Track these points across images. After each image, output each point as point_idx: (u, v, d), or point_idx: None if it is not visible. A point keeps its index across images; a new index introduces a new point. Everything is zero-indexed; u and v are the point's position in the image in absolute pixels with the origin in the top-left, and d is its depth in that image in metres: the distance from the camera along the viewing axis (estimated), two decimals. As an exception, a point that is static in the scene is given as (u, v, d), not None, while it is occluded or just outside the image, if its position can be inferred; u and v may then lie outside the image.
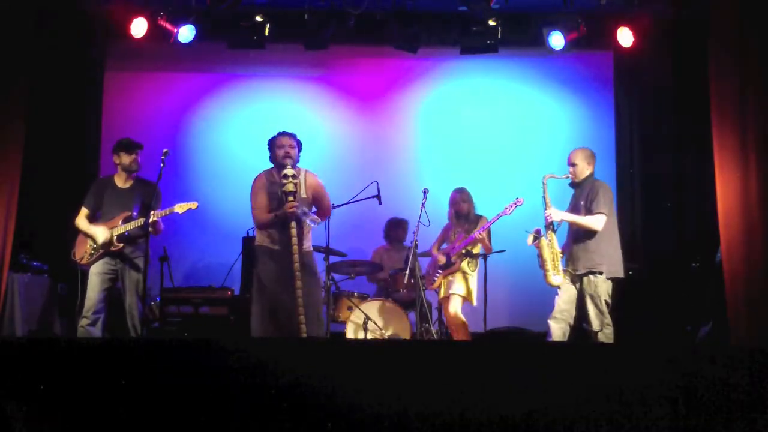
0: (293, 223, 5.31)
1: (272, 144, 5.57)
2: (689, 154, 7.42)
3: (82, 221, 5.86)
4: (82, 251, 5.82)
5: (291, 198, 5.31)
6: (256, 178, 5.62)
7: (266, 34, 7.44)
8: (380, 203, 6.77)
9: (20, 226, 6.11)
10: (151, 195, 5.70)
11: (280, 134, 5.58)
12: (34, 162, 6.63)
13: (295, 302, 5.20)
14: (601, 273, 5.56)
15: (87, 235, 5.82)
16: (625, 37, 7.46)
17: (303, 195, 5.51)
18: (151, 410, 3.60)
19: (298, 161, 5.57)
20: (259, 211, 5.50)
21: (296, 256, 5.25)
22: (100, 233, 5.75)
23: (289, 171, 5.36)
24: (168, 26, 7.32)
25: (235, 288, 6.83)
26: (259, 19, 7.40)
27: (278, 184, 5.45)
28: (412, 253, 6.36)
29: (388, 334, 6.61)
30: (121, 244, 5.76)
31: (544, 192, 5.78)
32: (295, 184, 5.35)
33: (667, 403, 3.56)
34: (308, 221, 5.43)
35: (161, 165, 5.62)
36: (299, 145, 5.58)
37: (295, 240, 5.27)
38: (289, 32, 7.61)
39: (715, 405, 3.55)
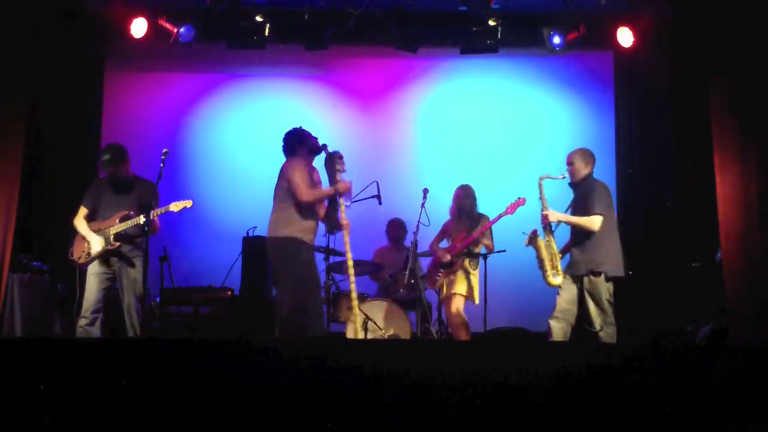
0: (347, 234, 5.48)
1: (302, 134, 5.68)
2: (689, 154, 7.42)
3: (80, 222, 5.85)
4: (79, 251, 5.82)
5: (339, 177, 5.49)
6: (293, 159, 5.62)
7: (266, 34, 7.45)
8: (380, 203, 6.77)
9: (20, 226, 6.11)
10: (150, 194, 5.69)
11: (302, 128, 5.74)
12: (34, 162, 6.63)
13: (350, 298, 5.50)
14: (601, 273, 5.56)
15: (85, 239, 5.81)
16: (625, 37, 7.46)
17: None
18: (151, 410, 3.60)
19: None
20: (308, 187, 5.49)
21: (350, 259, 5.47)
22: (95, 242, 5.73)
23: (341, 154, 5.57)
24: (168, 26, 7.33)
25: (235, 288, 6.83)
26: (259, 19, 7.40)
27: (312, 173, 5.60)
28: (412, 253, 6.35)
29: (388, 334, 6.60)
30: (118, 243, 5.75)
31: (540, 193, 5.78)
32: (343, 164, 5.54)
33: (667, 404, 3.56)
34: (347, 203, 5.55)
35: (161, 165, 5.62)
36: None
37: (348, 245, 5.49)
38: (289, 32, 7.61)
39: (715, 405, 3.55)
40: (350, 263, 5.44)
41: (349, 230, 5.50)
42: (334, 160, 5.54)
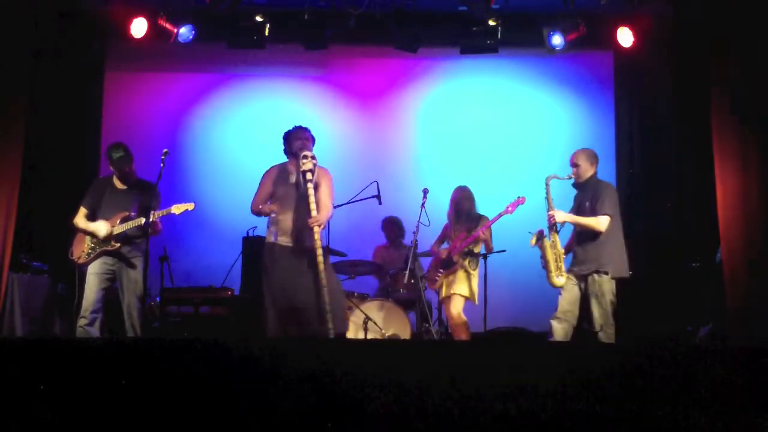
0: (317, 228, 5.37)
1: (289, 136, 5.65)
2: (689, 154, 7.42)
3: (80, 220, 5.85)
4: (79, 250, 5.82)
5: (309, 176, 5.40)
6: (267, 169, 5.69)
7: (266, 34, 7.45)
8: (380, 203, 6.77)
9: (20, 226, 6.11)
10: (150, 195, 5.70)
11: (297, 128, 5.67)
12: (34, 162, 6.63)
13: (320, 301, 5.31)
14: (606, 273, 5.56)
15: (87, 233, 5.80)
16: (625, 37, 7.47)
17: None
18: (151, 410, 3.60)
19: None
20: (257, 199, 5.58)
21: (320, 256, 5.34)
22: (101, 227, 5.73)
23: (308, 153, 5.44)
24: (168, 26, 7.33)
25: (235, 288, 6.83)
26: (259, 19, 7.40)
27: (289, 175, 5.54)
28: (412, 253, 6.35)
29: (388, 334, 6.61)
30: (119, 244, 5.75)
31: (546, 193, 5.75)
32: (314, 164, 5.43)
33: (667, 403, 3.56)
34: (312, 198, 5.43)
35: (161, 165, 5.63)
36: (313, 139, 5.68)
37: (318, 241, 5.35)
38: (289, 32, 7.61)
39: (715, 405, 3.55)
40: (320, 259, 5.36)
41: (319, 226, 5.39)
42: (300, 161, 5.51)
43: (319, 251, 5.35)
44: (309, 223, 5.38)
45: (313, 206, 5.39)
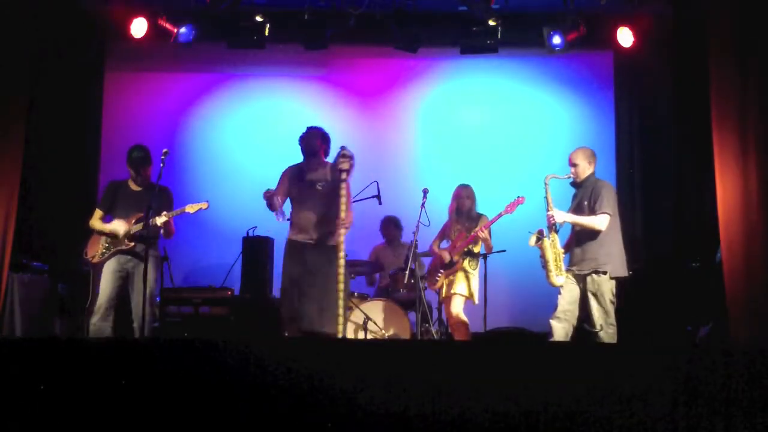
0: (343, 231, 5.46)
1: (303, 138, 5.81)
2: (689, 154, 7.42)
3: (96, 222, 5.92)
4: (94, 251, 5.87)
5: (344, 175, 5.49)
6: (285, 169, 5.81)
7: (266, 34, 7.45)
8: (380, 203, 6.77)
9: (20, 227, 6.11)
10: (162, 198, 5.77)
11: (309, 128, 5.84)
12: (34, 162, 6.62)
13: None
14: (605, 272, 5.56)
15: (105, 234, 5.86)
16: (625, 37, 7.47)
17: (328, 179, 5.71)
18: (151, 410, 3.60)
19: (327, 155, 5.83)
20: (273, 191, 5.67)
21: (342, 259, 5.43)
22: (119, 226, 5.81)
23: (347, 152, 5.53)
24: (168, 26, 7.33)
25: (235, 288, 6.84)
26: (259, 19, 7.41)
27: (305, 174, 5.69)
28: (412, 253, 6.35)
29: (388, 334, 6.61)
30: (133, 243, 5.79)
31: (546, 193, 5.75)
32: (351, 165, 5.52)
33: (667, 403, 3.56)
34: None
35: (161, 165, 5.64)
36: (327, 136, 5.84)
37: (342, 244, 5.45)
38: (289, 32, 7.62)
39: (715, 405, 3.55)
40: (341, 262, 5.45)
41: (345, 229, 5.50)
42: (339, 158, 5.66)
43: (342, 253, 5.45)
44: (337, 224, 5.48)
45: (343, 207, 5.49)
